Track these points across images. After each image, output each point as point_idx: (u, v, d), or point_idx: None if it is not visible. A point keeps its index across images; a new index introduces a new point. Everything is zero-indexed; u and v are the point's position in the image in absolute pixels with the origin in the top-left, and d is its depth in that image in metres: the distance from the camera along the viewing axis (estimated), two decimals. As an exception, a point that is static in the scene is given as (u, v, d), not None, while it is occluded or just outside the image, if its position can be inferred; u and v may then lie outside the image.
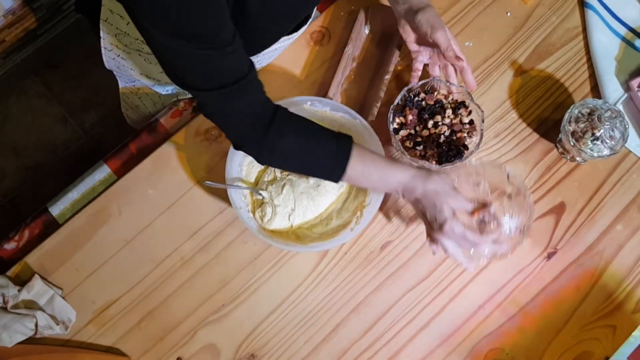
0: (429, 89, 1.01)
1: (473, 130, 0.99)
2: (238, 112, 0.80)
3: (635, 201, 1.04)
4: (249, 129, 0.82)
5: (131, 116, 1.32)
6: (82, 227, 1.02)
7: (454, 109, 1.00)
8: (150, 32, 0.69)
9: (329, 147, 0.84)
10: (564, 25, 1.14)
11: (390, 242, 1.02)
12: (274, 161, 0.88)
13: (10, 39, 1.98)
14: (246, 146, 0.85)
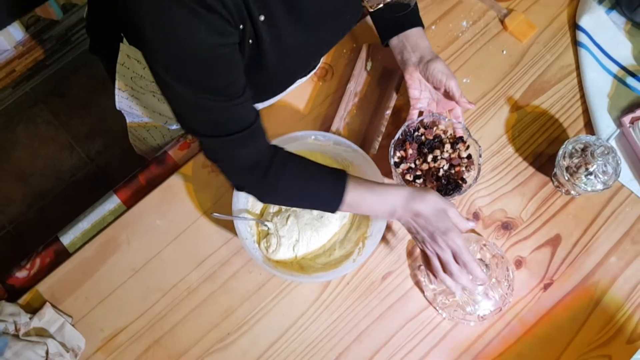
0: (428, 124, 1.05)
1: (471, 164, 1.02)
2: (241, 158, 0.84)
3: (628, 234, 1.07)
4: (250, 173, 0.85)
5: (139, 147, 1.36)
6: (92, 256, 1.05)
7: (452, 143, 1.03)
8: (165, 79, 0.73)
9: (325, 182, 0.88)
10: (558, 63, 1.18)
11: (391, 272, 1.05)
12: (275, 200, 0.91)
13: (20, 69, 2.03)
14: (247, 188, 0.89)
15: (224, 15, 0.69)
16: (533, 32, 1.20)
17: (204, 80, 0.73)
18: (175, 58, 0.70)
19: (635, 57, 1.19)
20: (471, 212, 1.08)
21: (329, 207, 0.89)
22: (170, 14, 0.66)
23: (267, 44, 0.81)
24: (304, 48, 0.90)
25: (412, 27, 1.02)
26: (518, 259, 1.06)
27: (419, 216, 0.87)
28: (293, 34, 0.84)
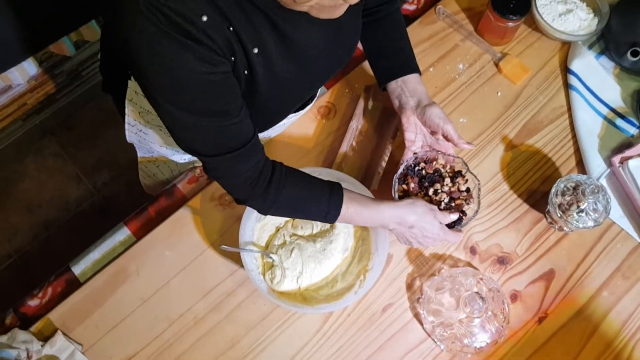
0: (428, 158, 1.08)
1: (470, 197, 1.05)
2: (242, 174, 0.89)
3: (619, 269, 1.11)
4: (252, 187, 0.91)
5: (148, 184, 1.41)
6: (102, 286, 1.08)
7: (451, 177, 1.06)
8: (162, 105, 0.79)
9: (323, 195, 0.94)
10: (550, 104, 1.24)
11: (391, 304, 1.09)
12: (275, 211, 0.96)
13: (31, 102, 2.09)
14: (249, 201, 0.94)
15: (212, 47, 0.75)
16: (526, 75, 1.26)
17: (198, 105, 0.79)
18: (169, 85, 0.77)
19: (624, 99, 1.25)
20: (468, 246, 1.13)
21: (325, 219, 0.96)
22: (161, 46, 0.72)
23: (260, 75, 0.86)
24: (297, 81, 0.95)
25: (410, 72, 1.07)
26: (513, 292, 1.10)
27: (413, 227, 0.97)
28: (286, 67, 0.89)
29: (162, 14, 0.70)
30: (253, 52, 0.82)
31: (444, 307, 1.05)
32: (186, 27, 0.72)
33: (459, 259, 1.12)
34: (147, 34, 0.71)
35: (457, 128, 1.16)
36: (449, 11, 1.30)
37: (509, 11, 1.19)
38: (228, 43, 0.78)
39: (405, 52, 1.10)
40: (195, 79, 0.76)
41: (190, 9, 0.71)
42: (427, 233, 0.99)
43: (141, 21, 0.71)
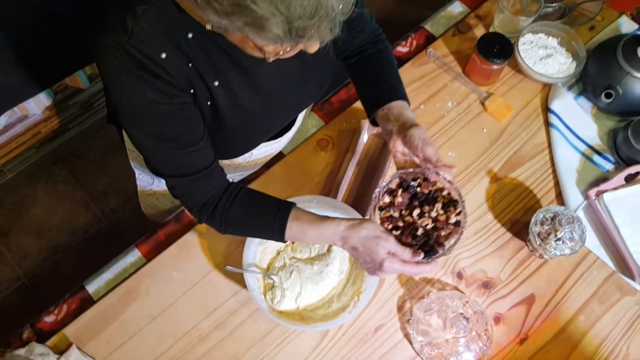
0: (429, 177, 1.02)
1: (455, 232, 0.98)
2: (198, 196, 1.00)
3: (595, 295, 1.20)
4: (206, 209, 1.01)
5: (151, 212, 1.51)
6: (114, 303, 1.17)
7: (444, 204, 1.00)
8: (129, 131, 0.91)
9: (270, 214, 1.01)
10: (532, 141, 1.34)
11: (383, 325, 1.16)
12: (229, 230, 1.04)
13: (45, 131, 2.19)
14: (204, 220, 1.04)
15: (170, 81, 0.86)
16: (510, 113, 1.36)
17: (156, 131, 0.91)
18: (131, 113, 0.89)
19: (601, 137, 1.35)
20: (455, 271, 1.21)
21: (273, 239, 1.03)
22: (123, 78, 0.84)
23: (223, 106, 0.97)
24: (264, 113, 1.05)
25: (395, 99, 1.08)
26: (497, 315, 1.18)
27: (356, 249, 0.96)
28: (251, 99, 0.99)
29: (125, 51, 0.81)
30: (214, 85, 0.92)
31: (432, 327, 1.13)
32: (146, 63, 0.82)
33: (446, 283, 1.20)
34: (112, 68, 0.83)
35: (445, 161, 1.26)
36: (439, 54, 1.41)
37: (493, 55, 1.29)
38: (186, 78, 0.88)
39: (391, 83, 1.12)
40: (152, 108, 0.87)
41: (150, 47, 0.82)
42: (369, 259, 0.95)
43: (108, 57, 0.82)
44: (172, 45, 0.84)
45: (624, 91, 1.28)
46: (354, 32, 1.10)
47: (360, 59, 1.16)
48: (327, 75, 1.12)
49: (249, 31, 0.72)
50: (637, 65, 1.26)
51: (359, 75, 1.17)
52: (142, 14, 0.80)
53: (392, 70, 1.15)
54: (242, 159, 1.25)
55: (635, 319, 1.18)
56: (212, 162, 0.99)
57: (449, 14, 1.49)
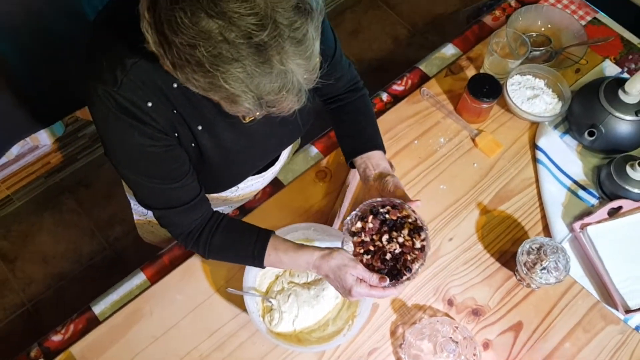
0: (397, 205, 1.08)
1: (420, 257, 1.05)
2: (183, 226, 1.09)
3: (580, 323, 1.25)
4: (191, 237, 1.10)
5: (150, 239, 1.57)
6: (119, 323, 1.22)
7: (410, 230, 1.06)
8: (117, 167, 1.00)
9: (250, 243, 1.09)
10: (520, 176, 1.41)
11: (377, 349, 1.21)
12: (210, 256, 1.12)
13: (54, 161, 2.27)
14: (189, 247, 1.12)
15: (155, 127, 0.94)
16: (499, 149, 1.43)
17: (142, 169, 0.99)
18: (120, 154, 0.98)
19: (586, 173, 1.42)
20: (446, 299, 1.26)
21: (253, 265, 1.11)
22: (111, 123, 0.92)
23: (207, 147, 1.05)
24: (248, 152, 1.14)
25: (373, 149, 1.19)
26: (485, 341, 1.23)
27: (328, 277, 1.06)
28: (233, 141, 1.08)
29: (114, 100, 0.89)
30: (198, 129, 1.01)
31: (423, 352, 1.18)
32: (133, 111, 0.91)
33: (437, 309, 1.25)
34: (102, 114, 0.91)
35: (437, 194, 1.35)
36: (432, 92, 1.50)
37: (483, 94, 1.38)
38: (171, 123, 0.97)
39: (368, 132, 1.23)
40: (139, 150, 0.96)
41: (137, 96, 0.90)
42: (339, 285, 1.04)
43: (98, 103, 0.90)
44: (158, 94, 0.92)
45: (606, 130, 1.36)
46: (332, 78, 1.18)
47: (339, 106, 1.26)
48: (309, 116, 1.22)
49: (224, 103, 0.82)
50: (618, 105, 1.34)
51: (337, 122, 1.28)
52: (131, 67, 0.88)
53: (369, 119, 1.26)
54: (229, 192, 1.33)
55: (619, 347, 1.22)
56: (196, 195, 1.07)
57: (442, 55, 1.59)
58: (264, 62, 0.74)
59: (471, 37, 1.62)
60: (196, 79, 0.77)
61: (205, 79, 0.76)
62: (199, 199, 1.08)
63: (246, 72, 0.74)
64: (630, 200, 1.33)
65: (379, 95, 1.53)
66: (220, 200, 1.36)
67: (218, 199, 1.35)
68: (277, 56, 0.74)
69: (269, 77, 0.76)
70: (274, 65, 0.75)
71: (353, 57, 2.71)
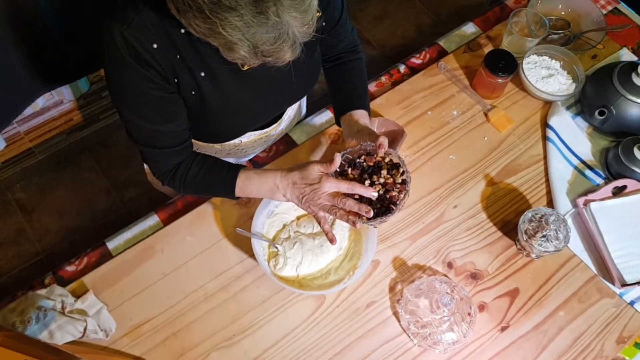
0: (370, 151, 1.13)
1: (403, 189, 1.09)
2: (162, 163, 1.15)
3: (576, 294, 1.28)
4: (167, 172, 1.16)
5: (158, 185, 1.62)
6: (131, 259, 1.27)
7: (388, 169, 1.10)
8: (115, 104, 1.06)
9: (221, 174, 1.15)
10: (529, 152, 1.44)
11: (375, 302, 1.25)
12: (186, 190, 1.18)
13: (77, 119, 2.34)
14: (166, 182, 1.17)
15: (156, 68, 0.99)
16: (510, 125, 1.47)
17: (136, 108, 1.05)
18: (118, 89, 1.03)
19: (594, 154, 1.44)
20: (446, 261, 1.30)
21: (225, 193, 1.16)
22: (115, 59, 0.97)
23: (209, 95, 1.10)
24: (251, 104, 1.19)
25: (358, 108, 1.24)
26: (481, 303, 1.26)
27: (295, 183, 1.08)
28: (237, 90, 1.13)
29: (122, 37, 0.94)
30: (200, 75, 1.06)
31: (419, 308, 1.21)
32: (138, 50, 0.96)
33: (437, 270, 1.29)
34: (109, 49, 0.96)
35: (446, 163, 1.39)
36: (449, 66, 1.53)
37: (499, 69, 1.41)
38: (172, 67, 1.02)
39: (358, 92, 1.28)
40: (136, 89, 1.01)
41: (145, 37, 0.96)
42: (308, 187, 1.06)
43: (107, 39, 0.96)
44: (165, 37, 0.97)
45: (617, 112, 1.38)
46: (335, 39, 1.25)
47: (335, 64, 1.31)
48: (313, 76, 1.27)
49: (222, 50, 0.87)
50: (630, 88, 1.37)
51: (332, 80, 1.33)
52: (143, 7, 0.94)
53: (361, 82, 1.31)
54: (232, 144, 1.38)
55: (612, 320, 1.25)
56: (182, 142, 1.13)
57: (462, 33, 1.62)
58: (261, 13, 0.79)
59: (492, 17, 1.65)
60: (197, 24, 0.83)
61: (205, 25, 0.82)
62: (184, 146, 1.14)
63: (243, 21, 0.80)
64: (635, 181, 1.35)
65: (397, 67, 1.57)
66: (224, 152, 1.42)
67: (222, 150, 1.40)
68: (273, 7, 0.79)
69: (265, 28, 0.81)
70: (269, 17, 0.80)
71: (376, 42, 2.75)
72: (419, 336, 1.20)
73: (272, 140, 1.45)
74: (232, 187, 1.15)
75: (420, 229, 1.33)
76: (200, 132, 1.23)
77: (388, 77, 1.55)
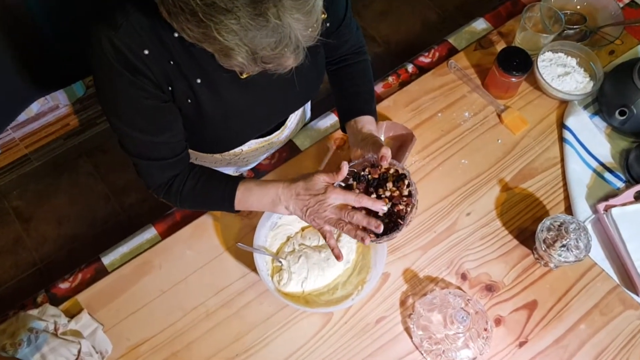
0: (374, 162, 1.06)
1: (410, 201, 1.02)
2: (156, 176, 1.08)
3: (597, 306, 1.21)
4: (162, 186, 1.09)
5: None
6: (128, 275, 1.21)
7: (394, 181, 1.04)
8: (106, 115, 0.99)
9: (220, 186, 1.09)
10: (545, 154, 1.37)
11: (385, 317, 1.19)
12: (183, 203, 1.11)
13: (73, 123, 2.27)
14: (161, 196, 1.11)
15: (148, 76, 0.92)
16: (525, 127, 1.39)
17: (128, 119, 0.98)
18: (109, 98, 0.96)
19: (613, 156, 1.37)
20: (459, 272, 1.23)
21: (224, 206, 1.09)
22: (104, 67, 0.90)
23: (206, 103, 1.03)
24: (248, 114, 1.11)
25: (363, 114, 1.17)
26: (498, 317, 1.19)
27: (299, 194, 1.02)
28: (235, 96, 1.05)
29: (111, 44, 0.87)
30: (196, 82, 0.99)
31: (432, 323, 1.15)
32: (129, 57, 0.89)
33: (450, 282, 1.22)
34: (97, 57, 0.90)
35: (458, 168, 1.31)
36: (459, 65, 1.46)
37: (513, 68, 1.33)
38: (165, 74, 0.94)
39: (363, 96, 1.21)
40: (127, 99, 0.94)
41: (135, 42, 0.89)
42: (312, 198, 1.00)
43: (96, 45, 0.88)
44: (157, 42, 0.90)
45: (638, 111, 1.31)
46: (339, 41, 1.18)
47: (340, 67, 1.24)
48: (317, 80, 1.19)
49: (218, 56, 0.80)
50: (652, 87, 1.30)
51: (336, 84, 1.25)
52: (133, 11, 0.87)
53: (366, 85, 1.24)
54: (232, 153, 1.31)
55: (636, 332, 1.18)
56: (179, 153, 1.06)
57: (473, 29, 1.55)
58: (259, 15, 0.72)
59: (503, 12, 1.57)
60: (190, 28, 0.76)
61: (199, 29, 0.75)
62: (180, 157, 1.07)
63: (240, 25, 0.72)
64: (658, 184, 1.28)
65: (404, 66, 1.49)
66: (224, 162, 1.35)
67: (222, 160, 1.33)
68: (273, 9, 0.72)
69: (264, 31, 0.74)
70: (269, 19, 0.72)
71: (380, 38, 2.68)
72: (433, 353, 1.14)
73: (275, 147, 1.38)
74: (232, 200, 1.08)
75: (431, 238, 1.26)
76: (198, 142, 1.16)
77: (395, 77, 1.48)
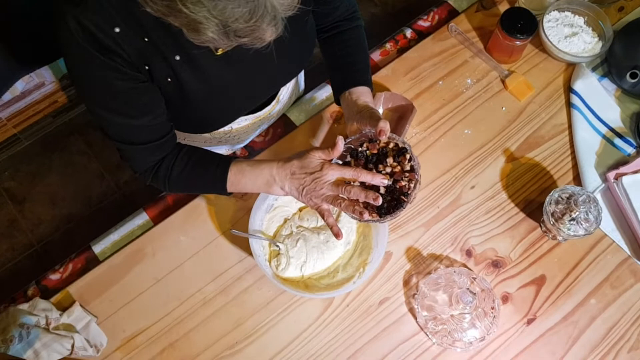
0: (372, 136, 1.00)
1: (413, 177, 0.96)
2: (142, 161, 1.03)
3: (608, 279, 1.16)
4: (149, 170, 1.04)
5: None
6: (120, 264, 1.16)
7: (394, 156, 0.98)
8: (80, 97, 0.94)
9: (210, 167, 1.03)
10: (552, 121, 1.31)
11: (388, 298, 1.15)
12: (171, 187, 1.06)
13: (62, 100, 2.20)
14: (148, 181, 1.06)
15: (122, 55, 0.85)
16: (530, 92, 1.32)
17: (105, 103, 0.92)
18: (83, 83, 0.90)
19: (623, 120, 1.31)
20: (464, 249, 1.19)
21: (216, 187, 1.03)
22: (73, 50, 0.84)
23: (188, 81, 0.96)
24: (234, 90, 1.04)
25: (358, 85, 1.10)
26: (505, 294, 1.15)
27: (294, 173, 0.96)
28: (218, 72, 0.98)
29: (78, 23, 0.80)
30: (175, 59, 0.91)
31: (437, 303, 1.11)
32: (99, 37, 0.82)
33: (455, 260, 1.18)
34: (64, 39, 0.83)
35: (461, 138, 1.25)
36: (460, 29, 1.38)
37: (517, 30, 1.26)
38: (140, 53, 0.87)
39: (358, 66, 1.13)
40: (102, 82, 0.88)
41: (104, 19, 0.81)
42: (308, 175, 0.95)
43: (62, 27, 0.81)
44: (128, 18, 0.83)
45: (650, 73, 1.24)
46: (329, 7, 1.10)
47: (332, 34, 1.16)
48: (308, 50, 1.12)
49: (186, 31, 0.73)
50: (664, 46, 1.22)
51: (329, 54, 1.18)
52: None
53: (362, 53, 1.16)
54: (222, 132, 1.25)
55: (649, 305, 1.14)
56: (163, 135, 1.00)
57: (473, -11, 1.46)
58: None
59: (505, -30, 1.49)
60: (154, 1, 0.69)
61: (163, 2, 0.68)
62: (165, 140, 1.01)
63: None
64: (671, 150, 1.22)
65: (402, 32, 1.42)
66: (214, 141, 1.29)
67: (212, 139, 1.27)
68: None
69: (236, 1, 0.66)
70: None
71: (375, -2, 2.58)
72: (438, 334, 1.10)
73: (268, 123, 1.32)
74: (223, 183, 1.03)
75: (434, 214, 1.21)
76: (184, 123, 1.10)
77: (393, 43, 1.40)
